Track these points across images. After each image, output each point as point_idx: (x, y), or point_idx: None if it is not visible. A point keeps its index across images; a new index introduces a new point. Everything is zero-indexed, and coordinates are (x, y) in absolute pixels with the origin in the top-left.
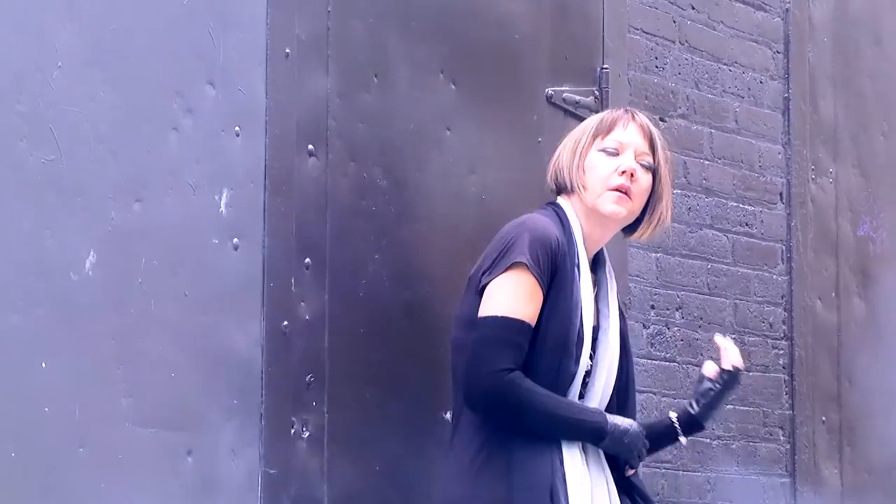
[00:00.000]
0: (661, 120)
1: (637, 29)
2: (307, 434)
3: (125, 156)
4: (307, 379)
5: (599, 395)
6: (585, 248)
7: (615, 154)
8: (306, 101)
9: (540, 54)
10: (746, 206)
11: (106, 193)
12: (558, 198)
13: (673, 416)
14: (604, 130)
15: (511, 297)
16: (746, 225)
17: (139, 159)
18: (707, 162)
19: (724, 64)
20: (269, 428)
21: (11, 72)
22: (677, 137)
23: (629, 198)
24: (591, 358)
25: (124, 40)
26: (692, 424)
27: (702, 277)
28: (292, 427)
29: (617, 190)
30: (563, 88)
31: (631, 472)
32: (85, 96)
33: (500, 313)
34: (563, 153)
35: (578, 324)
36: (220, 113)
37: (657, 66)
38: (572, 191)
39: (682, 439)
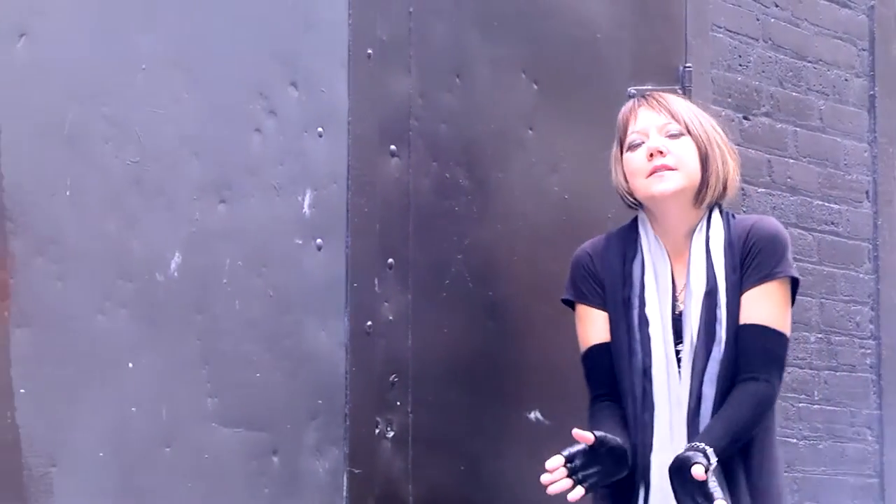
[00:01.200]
0: (745, 118)
1: (720, 27)
2: (391, 434)
3: (209, 157)
4: (391, 379)
5: (689, 380)
6: (667, 240)
7: (641, 143)
8: (388, 101)
9: (622, 53)
10: (832, 205)
11: (190, 195)
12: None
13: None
14: (622, 130)
15: (577, 330)
16: (832, 224)
17: (223, 160)
18: (792, 160)
19: (809, 61)
20: (353, 428)
21: (96, 75)
22: (761, 136)
23: (669, 170)
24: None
25: (207, 42)
26: None
27: None
28: (377, 427)
29: (652, 173)
30: (645, 87)
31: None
32: (169, 98)
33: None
34: (614, 178)
35: (637, 322)
36: (303, 114)
37: (740, 65)
38: (634, 200)
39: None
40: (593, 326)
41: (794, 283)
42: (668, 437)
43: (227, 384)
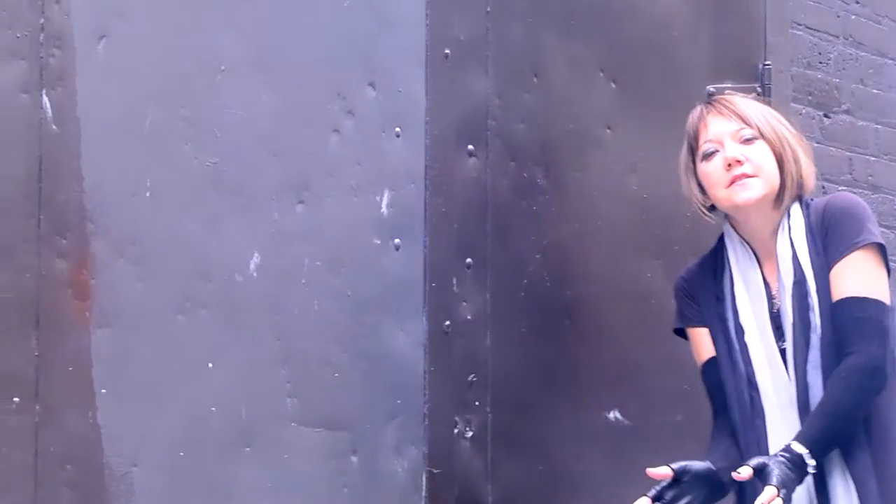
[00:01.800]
0: (825, 116)
1: (800, 24)
2: (470, 434)
3: (287, 158)
4: (470, 378)
5: (794, 373)
6: (755, 242)
7: (716, 152)
8: (466, 101)
9: (700, 51)
10: None
11: (269, 195)
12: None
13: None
14: (693, 139)
15: (693, 353)
16: None
17: (301, 161)
18: (873, 158)
19: (890, 59)
20: (432, 428)
21: (175, 76)
22: (842, 134)
23: (749, 178)
24: (783, 350)
25: (286, 43)
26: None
27: None
28: (455, 427)
29: (733, 182)
30: (724, 85)
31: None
32: (247, 99)
33: None
34: (685, 188)
35: (734, 333)
36: (381, 114)
37: (821, 62)
38: (707, 209)
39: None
40: (701, 344)
41: (883, 251)
42: (785, 439)
43: (306, 384)
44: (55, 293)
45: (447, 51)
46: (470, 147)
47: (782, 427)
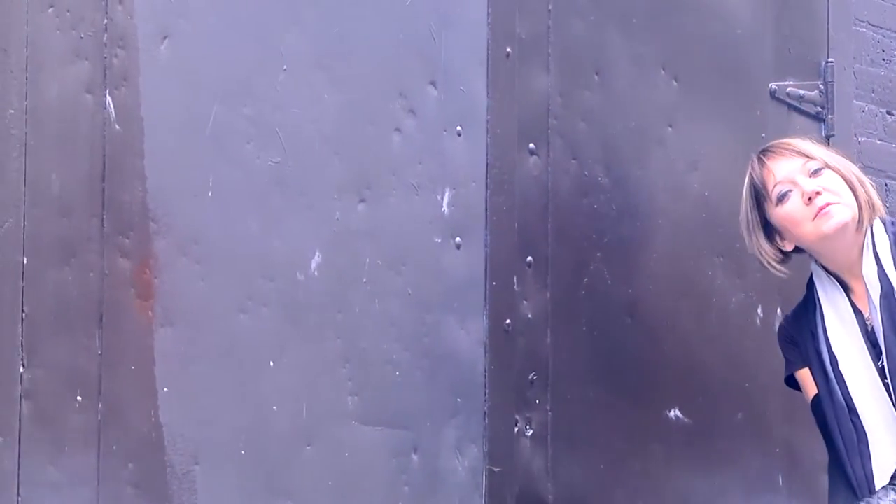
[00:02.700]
0: (889, 113)
1: (863, 21)
2: (531, 432)
3: (349, 156)
4: (530, 377)
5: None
6: (841, 271)
7: (789, 192)
8: (527, 99)
9: (763, 48)
10: None
11: (330, 194)
12: None
13: None
14: (763, 188)
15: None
16: None
17: (363, 160)
18: None
19: None
20: (492, 426)
21: (238, 75)
22: None
23: (830, 207)
24: (881, 367)
25: (347, 42)
26: None
27: None
28: (516, 425)
29: (817, 214)
30: (786, 83)
31: None
32: (309, 98)
33: None
34: (751, 245)
35: (830, 365)
36: (442, 113)
37: (884, 59)
38: (783, 257)
39: None
40: (808, 384)
41: None
42: (890, 460)
43: (368, 383)
44: (118, 292)
45: (509, 49)
46: (531, 146)
47: (888, 447)
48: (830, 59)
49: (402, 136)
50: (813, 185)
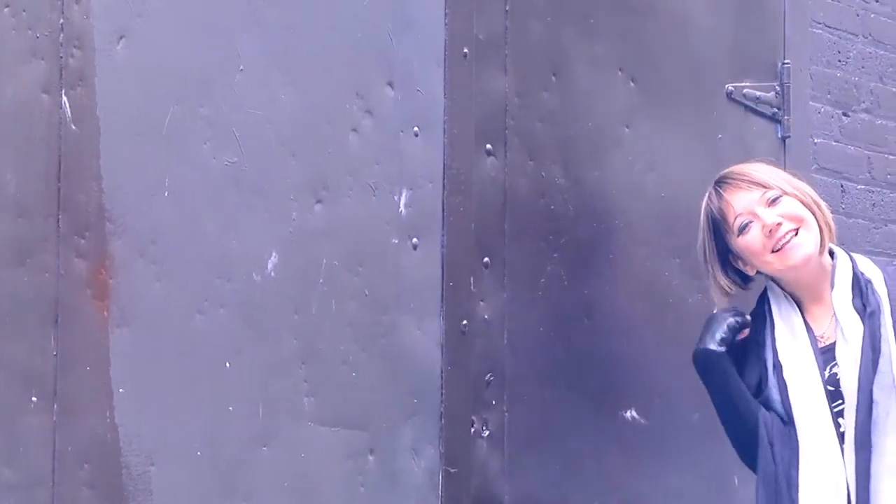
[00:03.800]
0: (844, 115)
1: (819, 23)
2: (487, 433)
3: (306, 157)
4: (487, 378)
5: (853, 434)
6: (799, 290)
7: (750, 223)
8: (485, 100)
9: (719, 50)
10: None
11: (287, 194)
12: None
13: None
14: (723, 222)
15: None
16: None
17: (320, 160)
18: (892, 157)
19: None
20: (449, 427)
21: (195, 76)
22: (861, 132)
23: (793, 239)
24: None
25: (304, 42)
26: None
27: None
28: (472, 426)
29: (781, 248)
30: (743, 84)
31: None
32: (266, 99)
33: None
34: (707, 274)
35: (775, 376)
36: (400, 113)
37: (840, 61)
38: (742, 285)
39: None
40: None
41: None
42: (820, 473)
43: (324, 383)
44: (74, 293)
45: (466, 50)
46: (488, 146)
47: (819, 459)
48: (787, 61)
49: (359, 137)
50: (772, 217)
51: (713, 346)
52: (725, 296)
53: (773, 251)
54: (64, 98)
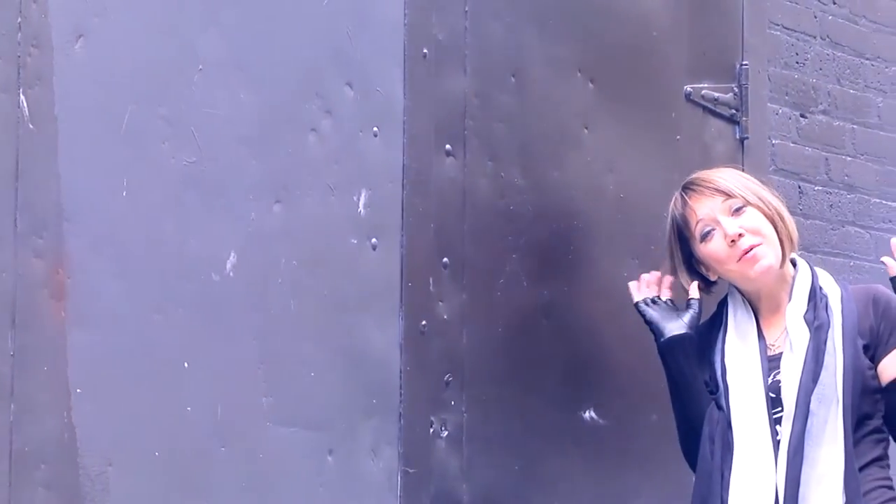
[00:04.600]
0: (802, 116)
1: (777, 24)
2: (446, 433)
3: (265, 157)
4: (446, 378)
5: (787, 442)
6: (759, 300)
7: (712, 231)
8: (444, 101)
9: (678, 51)
10: (890, 202)
11: (246, 194)
12: None
13: None
14: (686, 228)
15: None
16: (889, 221)
17: (279, 160)
18: (849, 158)
19: (867, 59)
20: (407, 427)
21: (153, 75)
22: (818, 133)
23: (755, 250)
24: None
25: (264, 42)
26: None
27: (844, 274)
28: (431, 426)
29: (742, 258)
30: (702, 85)
31: None
32: (225, 99)
33: None
34: (674, 270)
35: (721, 378)
36: (359, 114)
37: (798, 62)
38: (706, 288)
39: None
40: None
41: None
42: (751, 478)
43: (283, 384)
44: (32, 292)
45: (425, 50)
46: (448, 147)
47: (750, 466)
48: (745, 62)
49: (318, 137)
50: (734, 227)
51: (684, 330)
52: (691, 297)
53: (737, 261)
54: (22, 97)
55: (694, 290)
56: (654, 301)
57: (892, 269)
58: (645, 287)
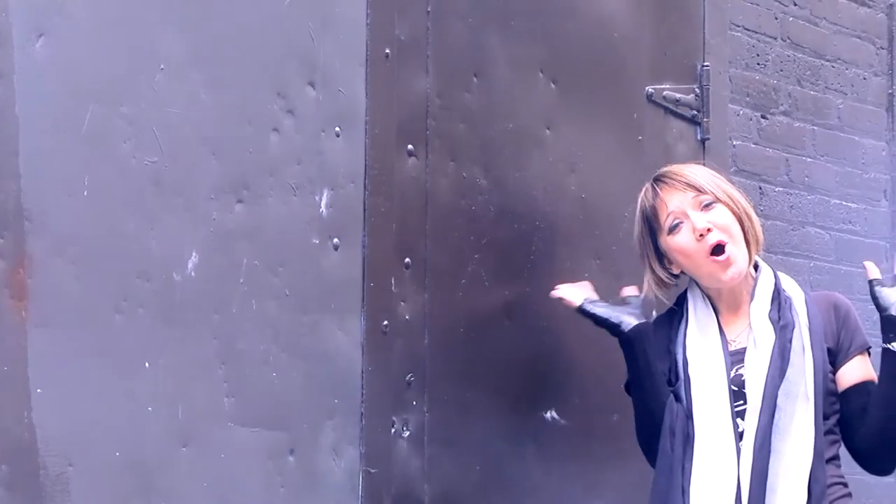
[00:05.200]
0: (763, 117)
1: (738, 26)
2: (407, 433)
3: (227, 157)
4: (407, 378)
5: (753, 435)
6: (720, 298)
7: (680, 224)
8: (406, 101)
9: (640, 52)
10: (849, 204)
11: (208, 194)
12: None
13: None
14: (654, 218)
15: None
16: (849, 222)
17: (241, 160)
18: (809, 159)
19: (827, 60)
20: (369, 427)
21: (115, 74)
22: (779, 135)
23: (727, 253)
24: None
25: (226, 42)
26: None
27: (804, 275)
28: (393, 426)
29: (713, 253)
30: (663, 86)
31: None
32: (187, 98)
33: None
34: (644, 266)
35: (682, 370)
36: (321, 114)
37: (759, 63)
38: (671, 279)
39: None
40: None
41: None
42: (712, 470)
43: (244, 384)
44: None
45: (388, 50)
46: (410, 147)
47: (712, 456)
48: (706, 63)
49: (280, 137)
50: (703, 221)
51: (643, 319)
52: (663, 287)
53: (706, 257)
54: None
55: (628, 290)
56: (592, 302)
57: (871, 272)
58: (578, 290)
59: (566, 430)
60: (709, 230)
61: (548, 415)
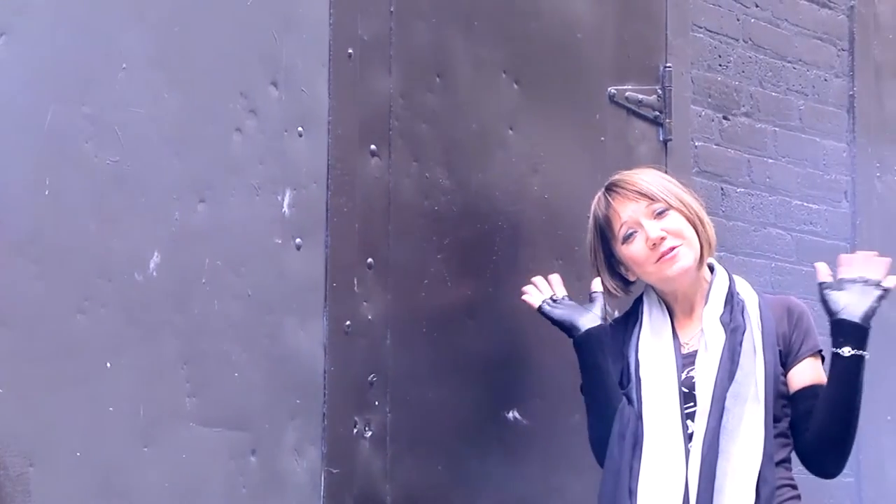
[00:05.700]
0: (725, 118)
1: (700, 27)
2: (370, 434)
3: (189, 156)
4: (370, 378)
5: (702, 436)
6: (675, 303)
7: (634, 234)
8: (369, 101)
9: (603, 53)
10: (811, 205)
11: (170, 194)
12: None
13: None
14: (607, 228)
15: None
16: (811, 223)
17: (203, 160)
18: (771, 160)
19: (789, 62)
20: (331, 427)
21: (76, 74)
22: (741, 136)
23: (676, 251)
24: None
25: (188, 42)
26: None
27: (766, 276)
28: (355, 427)
29: (661, 258)
30: (625, 87)
31: None
32: (149, 98)
33: None
34: (596, 273)
35: (635, 372)
36: (284, 113)
37: (721, 65)
38: (625, 288)
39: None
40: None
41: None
42: (660, 469)
43: (206, 384)
44: None
45: (350, 50)
46: (373, 147)
47: (660, 457)
48: (669, 64)
49: (242, 137)
50: (656, 230)
51: (598, 321)
52: (612, 297)
53: (654, 263)
54: None
55: (596, 285)
56: (554, 301)
57: (821, 274)
58: (538, 291)
59: (528, 429)
60: (662, 238)
61: (510, 415)
